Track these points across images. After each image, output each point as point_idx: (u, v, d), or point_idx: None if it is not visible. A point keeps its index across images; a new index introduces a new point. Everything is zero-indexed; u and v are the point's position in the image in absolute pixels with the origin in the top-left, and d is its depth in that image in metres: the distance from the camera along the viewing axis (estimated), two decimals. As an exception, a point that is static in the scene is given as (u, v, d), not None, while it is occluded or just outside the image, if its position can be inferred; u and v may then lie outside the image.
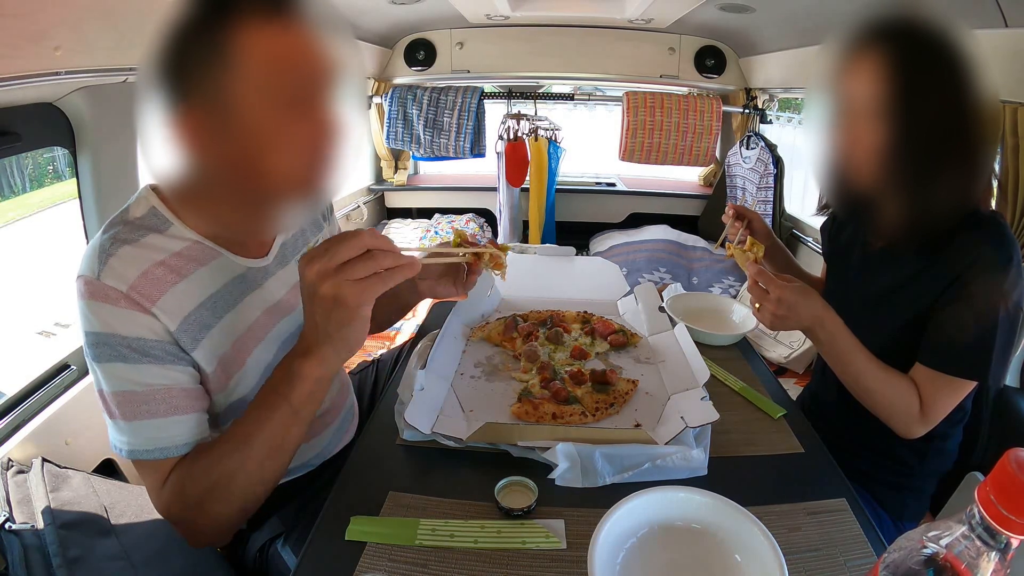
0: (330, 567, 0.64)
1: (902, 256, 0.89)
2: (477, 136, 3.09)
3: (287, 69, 0.62)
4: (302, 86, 0.63)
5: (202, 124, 0.62)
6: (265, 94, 0.61)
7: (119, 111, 1.42)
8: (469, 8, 2.55)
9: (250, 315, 0.78)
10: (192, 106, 0.61)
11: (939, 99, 0.75)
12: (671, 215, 3.36)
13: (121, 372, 0.66)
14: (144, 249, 0.68)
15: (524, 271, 1.44)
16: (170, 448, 0.68)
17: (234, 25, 0.59)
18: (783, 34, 2.32)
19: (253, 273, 0.79)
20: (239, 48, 0.59)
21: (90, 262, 0.66)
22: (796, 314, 0.86)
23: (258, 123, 0.62)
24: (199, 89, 0.61)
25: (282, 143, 0.64)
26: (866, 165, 0.81)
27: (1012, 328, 0.81)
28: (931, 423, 0.86)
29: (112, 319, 0.65)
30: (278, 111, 0.62)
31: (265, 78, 0.61)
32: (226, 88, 0.60)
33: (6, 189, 2.76)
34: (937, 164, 0.78)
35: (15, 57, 0.96)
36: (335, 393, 1.00)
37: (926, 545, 0.40)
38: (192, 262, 0.72)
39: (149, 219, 0.71)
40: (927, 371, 0.85)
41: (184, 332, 0.69)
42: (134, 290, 0.65)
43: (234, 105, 0.61)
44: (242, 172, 0.65)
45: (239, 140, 0.63)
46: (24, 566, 0.82)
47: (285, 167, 0.65)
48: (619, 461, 0.77)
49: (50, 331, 2.20)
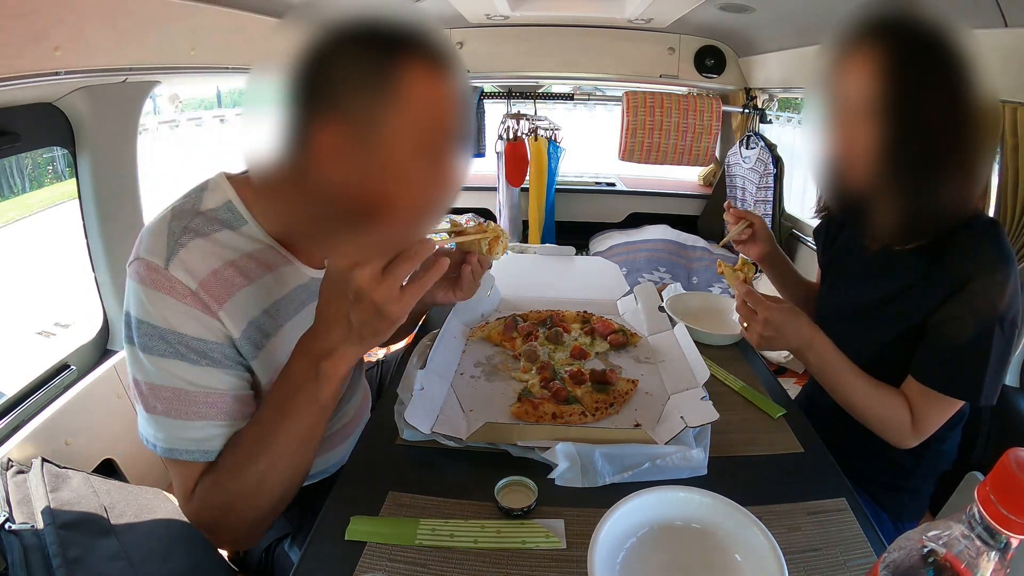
0: (330, 567, 0.64)
1: (899, 264, 0.89)
2: (477, 136, 3.09)
3: (440, 114, 0.63)
4: (446, 133, 0.65)
5: (340, 144, 0.61)
6: (414, 133, 0.62)
7: (119, 111, 1.43)
8: (469, 8, 2.55)
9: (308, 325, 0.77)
10: (336, 123, 0.60)
11: (934, 98, 0.74)
12: (671, 215, 3.36)
13: (174, 368, 0.64)
14: (216, 245, 0.67)
15: (524, 271, 1.44)
16: (211, 452, 0.67)
17: (403, 64, 0.60)
18: (783, 34, 2.32)
19: (315, 284, 0.78)
20: (403, 85, 0.60)
21: (155, 246, 0.64)
22: (783, 336, 0.87)
23: (397, 158, 0.62)
24: (350, 112, 0.60)
25: (412, 181, 0.64)
26: (863, 164, 0.81)
27: (1007, 346, 0.80)
28: (923, 435, 0.86)
29: (174, 315, 0.63)
30: (419, 152, 0.63)
31: (420, 118, 0.62)
32: (380, 119, 0.60)
33: (6, 189, 2.76)
34: (933, 165, 0.77)
35: (15, 57, 0.96)
36: (358, 403, 1.00)
37: (926, 545, 0.40)
38: (261, 267, 0.71)
39: (223, 213, 0.70)
40: (919, 386, 0.84)
41: (247, 339, 0.68)
42: (203, 289, 0.64)
43: (382, 137, 0.61)
44: (361, 199, 0.64)
45: (374, 170, 0.63)
46: (24, 566, 0.82)
47: (406, 204, 0.65)
48: (619, 461, 0.77)
49: (50, 331, 2.20)
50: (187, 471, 0.68)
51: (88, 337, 1.50)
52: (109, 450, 1.35)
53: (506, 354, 1.05)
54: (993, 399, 0.82)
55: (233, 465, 0.66)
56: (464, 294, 0.95)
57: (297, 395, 0.64)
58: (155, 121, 6.22)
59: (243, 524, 0.68)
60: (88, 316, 1.53)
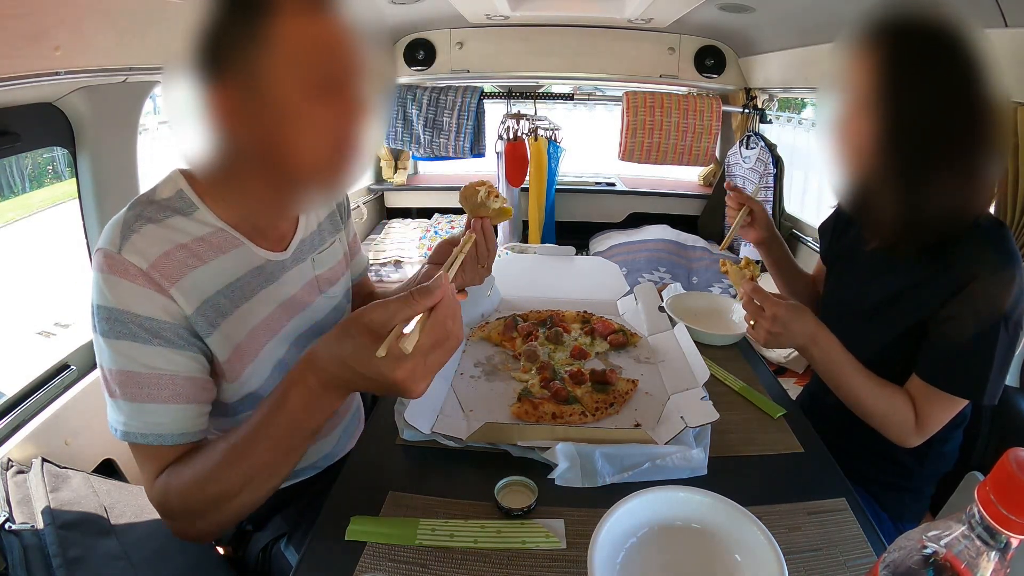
0: (330, 567, 0.64)
1: (907, 263, 0.89)
2: (477, 136, 3.09)
3: (320, 53, 0.63)
4: (333, 70, 0.64)
5: (236, 105, 0.62)
6: (297, 76, 0.62)
7: (119, 111, 1.43)
8: (469, 8, 2.55)
9: (265, 308, 0.78)
10: (227, 87, 0.62)
11: (944, 98, 0.75)
12: (671, 215, 3.35)
13: (128, 350, 0.65)
14: (168, 230, 0.69)
15: (524, 271, 1.44)
16: (165, 436, 0.67)
17: (272, 10, 0.60)
18: (782, 34, 2.32)
19: (271, 266, 0.79)
20: (275, 31, 0.61)
21: (112, 235, 0.66)
22: (790, 332, 0.87)
23: (289, 104, 0.63)
24: (234, 71, 0.61)
25: (310, 125, 0.64)
26: (873, 163, 0.81)
27: (1011, 347, 0.80)
28: (927, 434, 0.86)
29: (128, 296, 0.65)
30: (308, 93, 0.63)
31: (298, 60, 0.62)
32: (261, 70, 0.61)
33: (6, 189, 2.76)
34: (943, 165, 0.77)
35: (15, 57, 0.96)
36: (351, 408, 1.00)
37: (926, 545, 0.40)
38: (213, 249, 0.72)
39: (175, 201, 0.72)
40: (923, 385, 0.84)
41: (201, 316, 0.69)
42: (154, 269, 0.65)
43: (267, 86, 0.62)
44: (271, 153, 0.65)
45: (270, 121, 0.63)
46: (24, 566, 0.82)
47: (312, 149, 0.66)
48: (619, 461, 0.77)
49: (50, 331, 2.20)
50: (146, 457, 0.69)
51: (88, 337, 1.49)
52: (109, 450, 1.35)
53: (506, 354, 1.05)
54: (996, 399, 0.82)
55: (204, 472, 0.65)
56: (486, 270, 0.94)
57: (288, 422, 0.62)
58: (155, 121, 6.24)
59: (210, 527, 0.68)
60: (88, 316, 1.53)
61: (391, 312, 0.57)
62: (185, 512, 0.67)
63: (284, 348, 0.81)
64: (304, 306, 0.84)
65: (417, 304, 0.58)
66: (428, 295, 0.58)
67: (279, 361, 0.80)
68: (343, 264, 0.95)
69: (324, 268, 0.89)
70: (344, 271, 0.95)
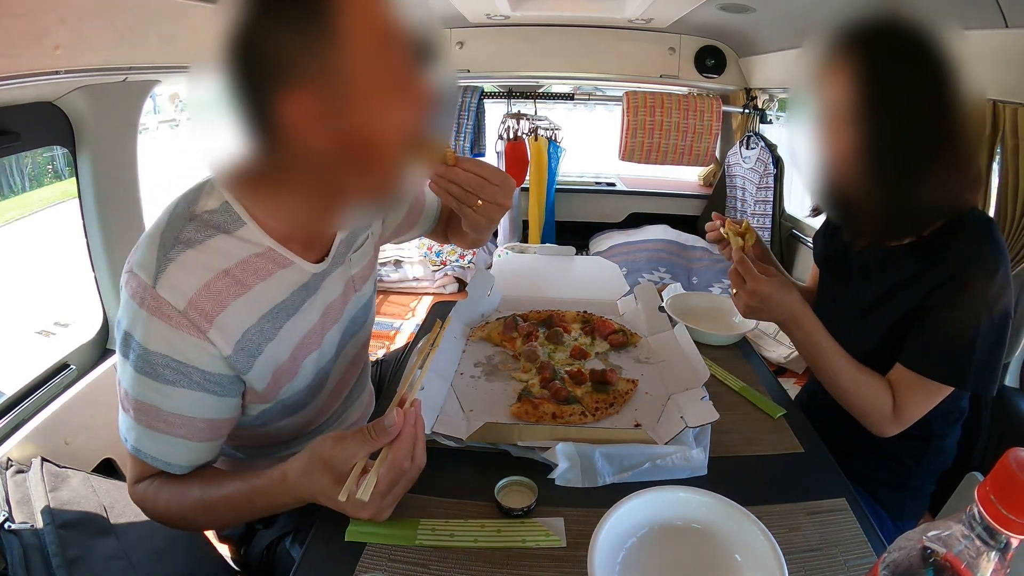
0: (330, 567, 0.64)
1: (895, 262, 0.89)
2: (477, 135, 3.09)
3: (393, 41, 0.59)
4: (406, 61, 0.61)
5: (313, 102, 0.57)
6: (375, 69, 0.58)
7: (119, 110, 1.43)
8: (469, 8, 2.55)
9: (309, 319, 0.76)
10: (302, 84, 0.56)
11: (914, 101, 0.75)
12: (671, 215, 3.35)
13: (152, 386, 0.64)
14: (209, 255, 0.64)
15: (524, 271, 1.44)
16: (173, 465, 0.69)
17: (339, 7, 0.56)
18: (783, 34, 2.32)
19: (316, 279, 0.77)
20: (346, 25, 0.56)
21: (146, 260, 0.62)
22: (769, 307, 0.89)
23: (373, 94, 0.59)
24: (308, 63, 0.56)
25: (393, 111, 0.61)
26: (845, 166, 0.81)
27: (999, 336, 0.80)
28: (903, 424, 0.87)
29: (160, 338, 0.62)
30: (387, 86, 0.60)
31: (374, 52, 0.58)
32: (334, 67, 0.57)
33: (6, 189, 2.76)
34: (915, 165, 0.78)
35: (15, 56, 0.96)
36: (364, 406, 1.01)
37: (926, 545, 0.40)
38: (258, 274, 0.68)
39: (219, 216, 0.67)
40: (905, 372, 0.85)
41: (240, 352, 0.67)
42: (192, 307, 0.62)
43: (343, 83, 0.57)
44: (352, 149, 0.61)
45: (355, 115, 0.59)
46: (24, 566, 0.82)
47: (392, 138, 0.62)
48: (619, 461, 0.77)
49: (50, 331, 2.20)
50: (141, 465, 0.71)
51: (88, 337, 1.49)
52: (109, 450, 1.35)
53: (506, 354, 1.05)
54: (987, 389, 0.82)
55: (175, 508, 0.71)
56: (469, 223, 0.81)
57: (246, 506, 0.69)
58: (155, 120, 6.21)
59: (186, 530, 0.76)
60: (88, 316, 1.53)
61: (350, 451, 0.62)
62: (159, 519, 0.73)
63: (327, 357, 0.81)
64: (341, 310, 0.83)
65: (375, 442, 0.63)
66: (384, 434, 0.63)
67: (320, 369, 0.80)
68: (373, 260, 0.93)
69: (358, 267, 0.87)
70: (374, 266, 0.93)
